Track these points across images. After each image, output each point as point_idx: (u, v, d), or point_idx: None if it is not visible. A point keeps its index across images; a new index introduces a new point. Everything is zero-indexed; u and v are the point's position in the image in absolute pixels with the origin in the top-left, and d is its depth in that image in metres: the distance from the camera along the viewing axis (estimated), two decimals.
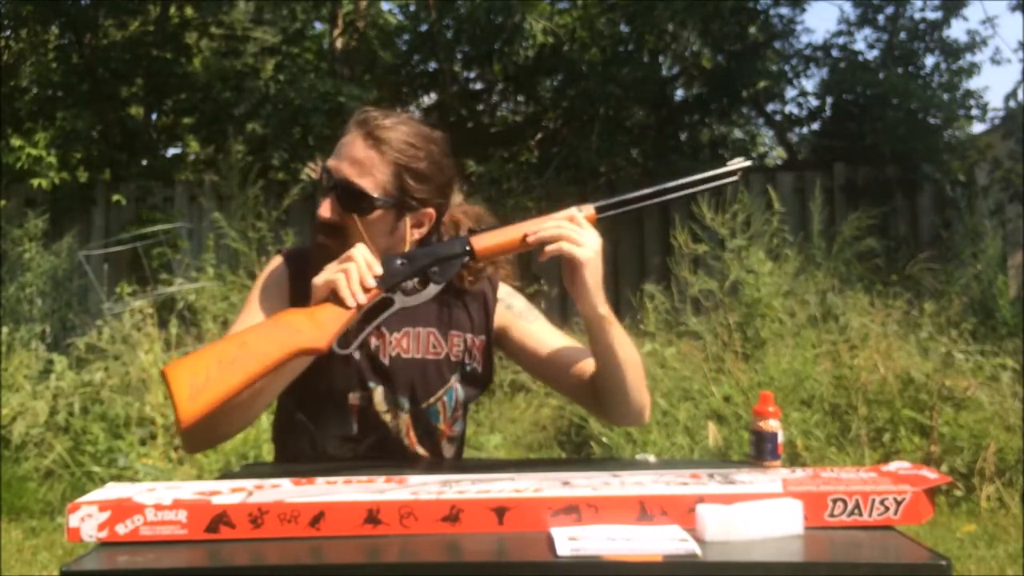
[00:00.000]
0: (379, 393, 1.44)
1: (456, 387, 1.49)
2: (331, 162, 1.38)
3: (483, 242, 1.27)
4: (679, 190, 1.35)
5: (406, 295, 1.26)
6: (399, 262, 1.25)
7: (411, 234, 1.40)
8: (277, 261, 1.52)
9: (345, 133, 1.41)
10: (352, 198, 1.36)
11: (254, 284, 1.50)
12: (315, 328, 1.18)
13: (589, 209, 1.32)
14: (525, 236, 1.27)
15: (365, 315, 1.25)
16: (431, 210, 1.42)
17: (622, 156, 6.55)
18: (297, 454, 1.48)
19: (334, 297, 1.21)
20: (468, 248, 1.27)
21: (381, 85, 7.23)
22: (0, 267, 5.34)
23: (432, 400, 1.47)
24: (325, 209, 1.37)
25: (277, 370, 1.18)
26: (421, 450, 1.48)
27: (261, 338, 1.17)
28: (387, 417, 1.45)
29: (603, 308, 1.33)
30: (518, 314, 1.52)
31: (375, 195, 1.35)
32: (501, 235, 1.28)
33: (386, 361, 1.45)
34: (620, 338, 1.37)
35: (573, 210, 1.30)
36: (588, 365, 1.44)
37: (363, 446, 1.45)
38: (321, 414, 1.45)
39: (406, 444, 1.46)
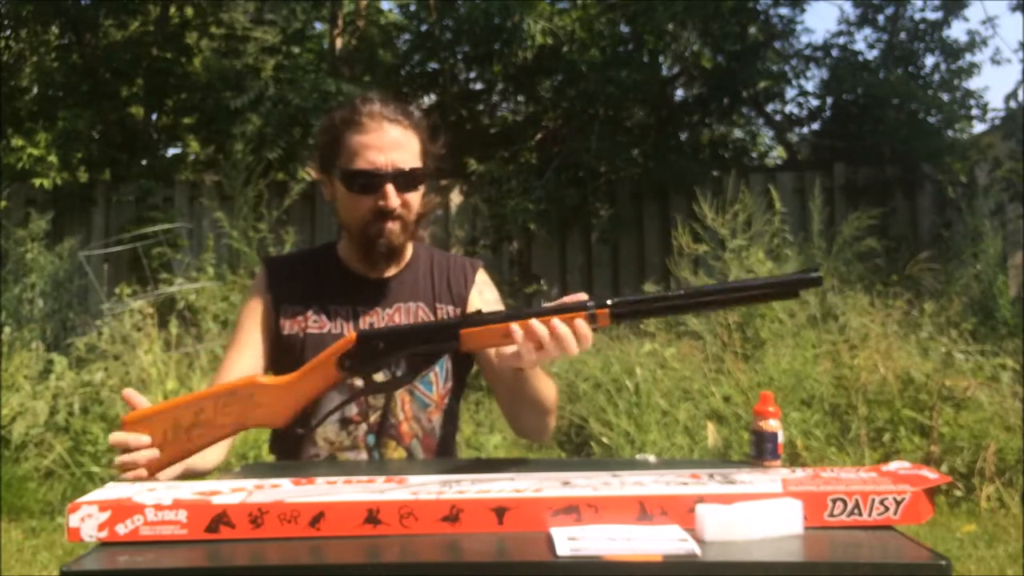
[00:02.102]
0: None
1: (445, 357, 1.54)
2: (375, 159, 1.44)
3: (472, 340, 1.14)
4: (704, 297, 1.15)
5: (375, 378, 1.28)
6: (379, 345, 1.15)
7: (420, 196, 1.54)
8: (258, 272, 1.61)
9: (353, 131, 1.46)
10: (409, 180, 1.46)
11: (243, 301, 1.59)
12: (275, 404, 1.17)
13: (603, 308, 1.11)
14: (510, 332, 1.11)
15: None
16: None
17: (622, 156, 6.54)
18: (298, 452, 1.51)
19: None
20: (456, 342, 1.14)
21: (381, 85, 7.23)
22: (1, 268, 5.34)
23: (425, 371, 1.52)
24: (394, 199, 1.45)
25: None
26: (415, 426, 1.52)
27: (219, 408, 1.18)
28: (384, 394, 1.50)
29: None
30: (487, 303, 1.56)
31: (421, 167, 1.49)
32: (490, 331, 1.13)
33: None
34: (543, 382, 1.40)
35: (582, 316, 1.10)
36: None
37: (362, 428, 1.50)
38: (321, 401, 1.47)
39: (400, 419, 1.51)
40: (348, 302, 1.52)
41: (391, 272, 1.56)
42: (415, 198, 1.49)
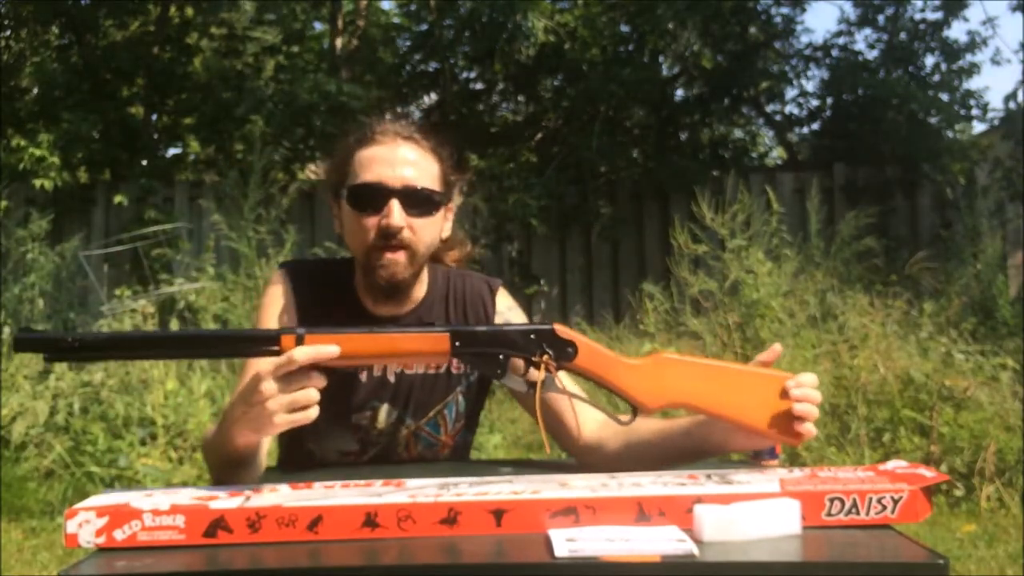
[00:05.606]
0: (383, 411, 1.43)
1: (458, 399, 1.47)
2: (382, 173, 1.33)
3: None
4: None
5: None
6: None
7: (444, 229, 1.43)
8: (278, 278, 1.46)
9: (364, 146, 1.36)
10: (420, 201, 1.33)
11: (260, 305, 1.45)
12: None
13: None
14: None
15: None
16: (451, 203, 1.44)
17: (622, 156, 6.54)
18: (299, 468, 1.48)
19: None
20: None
21: (382, 85, 7.23)
22: (1, 268, 5.34)
23: (432, 414, 1.45)
24: (398, 217, 1.31)
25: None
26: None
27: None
28: (389, 432, 1.44)
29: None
30: None
31: (438, 191, 1.36)
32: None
33: (392, 379, 1.43)
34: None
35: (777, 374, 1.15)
36: (597, 429, 1.35)
37: (363, 459, 1.46)
38: (324, 432, 1.42)
39: (404, 458, 1.47)
40: None
41: (405, 310, 1.42)
42: (426, 225, 1.34)
